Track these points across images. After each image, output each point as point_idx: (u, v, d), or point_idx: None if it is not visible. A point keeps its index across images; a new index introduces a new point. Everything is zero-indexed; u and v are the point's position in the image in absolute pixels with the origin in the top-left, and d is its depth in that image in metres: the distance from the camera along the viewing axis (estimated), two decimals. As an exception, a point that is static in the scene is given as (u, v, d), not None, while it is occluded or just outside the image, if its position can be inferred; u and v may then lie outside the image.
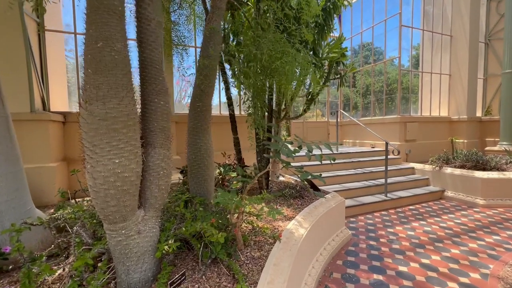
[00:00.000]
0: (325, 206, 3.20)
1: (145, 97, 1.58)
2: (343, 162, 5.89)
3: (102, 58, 1.30)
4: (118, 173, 1.34)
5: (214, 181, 2.55)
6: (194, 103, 2.35)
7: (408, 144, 6.89)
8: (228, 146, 4.31)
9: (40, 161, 3.40)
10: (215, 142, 4.61)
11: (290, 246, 2.14)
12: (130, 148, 1.39)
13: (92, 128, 1.30)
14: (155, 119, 1.57)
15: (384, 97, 7.62)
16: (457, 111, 7.60)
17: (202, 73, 2.23)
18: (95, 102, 1.29)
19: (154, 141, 1.57)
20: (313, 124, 8.81)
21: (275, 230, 2.45)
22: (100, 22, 1.31)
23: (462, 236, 3.57)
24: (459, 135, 7.46)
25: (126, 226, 1.44)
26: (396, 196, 4.95)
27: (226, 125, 4.13)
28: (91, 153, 1.32)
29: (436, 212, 4.60)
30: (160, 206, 1.62)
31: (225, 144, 4.79)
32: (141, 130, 1.60)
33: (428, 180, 5.78)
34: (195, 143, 2.40)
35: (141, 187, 1.57)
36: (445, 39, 7.70)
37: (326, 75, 3.65)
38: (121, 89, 1.36)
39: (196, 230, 1.54)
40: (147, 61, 1.56)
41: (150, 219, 1.58)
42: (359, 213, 4.54)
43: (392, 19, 7.12)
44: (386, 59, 7.61)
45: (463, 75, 7.43)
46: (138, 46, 1.57)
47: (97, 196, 1.35)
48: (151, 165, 1.56)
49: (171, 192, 2.60)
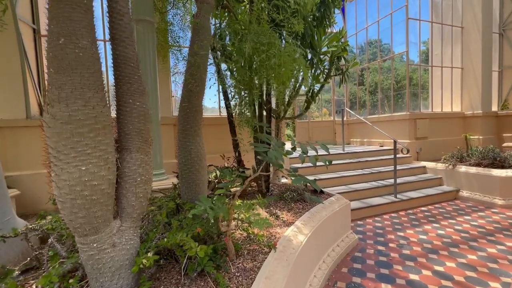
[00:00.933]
0: (329, 210, 3.01)
1: (119, 97, 1.46)
2: (350, 162, 5.66)
3: (64, 56, 1.19)
4: (85, 182, 1.22)
5: (207, 185, 2.41)
6: (182, 104, 2.23)
7: (419, 141, 6.58)
8: (229, 148, 4.19)
9: (36, 167, 3.36)
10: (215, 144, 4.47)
11: (287, 256, 1.98)
12: (100, 153, 1.27)
13: (55, 132, 1.18)
14: (130, 121, 1.45)
15: (392, 94, 7.33)
16: (471, 106, 7.22)
17: (189, 71, 2.11)
18: (57, 104, 1.18)
19: (129, 145, 1.45)
20: (318, 123, 8.59)
21: (272, 237, 2.29)
22: (62, 17, 1.20)
23: (480, 240, 3.30)
24: (473, 131, 7.08)
25: (99, 238, 1.32)
26: (406, 197, 4.69)
27: (226, 126, 4.00)
28: (55, 160, 1.20)
29: (450, 213, 4.31)
30: (139, 215, 1.50)
31: (225, 146, 4.66)
32: (117, 133, 1.48)
33: (441, 179, 5.48)
34: (185, 146, 2.27)
35: (116, 195, 1.45)
36: (455, 31, 7.35)
37: (327, 71, 3.46)
38: (88, 90, 1.24)
39: (176, 242, 1.40)
40: (120, 59, 1.44)
41: (127, 230, 1.45)
42: (367, 216, 4.31)
43: (398, 12, 6.84)
44: (392, 54, 7.32)
45: (476, 68, 7.05)
46: (111, 43, 1.46)
47: (63, 207, 1.23)
48: (127, 172, 1.44)
49: (163, 197, 2.48)
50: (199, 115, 2.30)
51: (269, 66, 1.55)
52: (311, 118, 8.61)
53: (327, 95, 9.53)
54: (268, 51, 1.53)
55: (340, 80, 3.60)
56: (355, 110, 8.79)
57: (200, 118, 2.32)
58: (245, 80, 2.02)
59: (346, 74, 3.52)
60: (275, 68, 1.54)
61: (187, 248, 1.33)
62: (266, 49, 1.54)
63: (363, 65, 8.52)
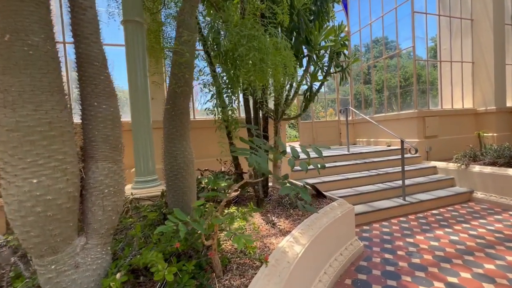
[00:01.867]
0: (330, 216, 2.80)
1: (83, 100, 1.31)
2: (355, 164, 5.41)
3: (11, 55, 1.05)
4: (37, 196, 1.08)
5: (195, 193, 2.25)
6: (166, 106, 2.09)
7: (429, 140, 6.28)
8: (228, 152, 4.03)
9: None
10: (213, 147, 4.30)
11: (280, 271, 1.79)
12: (55, 163, 1.12)
13: (0, 141, 1.05)
14: (95, 127, 1.30)
15: (399, 91, 7.03)
16: (484, 101, 6.86)
17: (172, 71, 1.96)
18: (2, 109, 1.04)
19: (95, 153, 1.30)
20: (323, 123, 8.36)
21: (266, 248, 2.10)
22: (8, 11, 1.06)
23: (498, 246, 3.03)
24: (487, 129, 6.71)
25: (58, 259, 1.17)
26: (416, 200, 4.42)
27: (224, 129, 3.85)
28: (2, 172, 1.06)
29: (464, 217, 4.03)
30: (108, 231, 1.35)
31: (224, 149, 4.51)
32: (83, 140, 1.34)
33: (453, 180, 5.17)
34: (170, 152, 2.12)
35: (82, 209, 1.30)
36: (465, 24, 7.01)
37: (327, 68, 3.27)
38: (40, 92, 1.10)
39: (145, 262, 1.24)
40: (83, 58, 1.30)
41: (94, 248, 1.30)
42: (374, 220, 4.07)
43: (403, 6, 6.57)
44: (398, 50, 7.04)
45: (489, 61, 6.70)
46: (74, 40, 1.32)
47: (14, 225, 1.09)
48: (92, 183, 1.29)
49: (149, 206, 2.33)
50: (185, 118, 2.15)
51: (249, 62, 1.39)
52: (315, 118, 8.38)
53: (333, 94, 9.29)
54: (248, 45, 1.36)
55: (341, 78, 3.40)
56: (361, 109, 8.52)
57: (187, 121, 2.17)
58: (231, 78, 1.86)
59: (346, 71, 3.32)
60: (256, 64, 1.37)
61: (154, 271, 1.17)
62: (245, 43, 1.37)
63: (368, 63, 8.25)
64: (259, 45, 1.33)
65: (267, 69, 1.38)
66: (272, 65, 1.39)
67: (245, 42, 1.36)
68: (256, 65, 1.38)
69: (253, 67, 1.40)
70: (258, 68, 1.37)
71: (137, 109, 3.07)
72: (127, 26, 3.03)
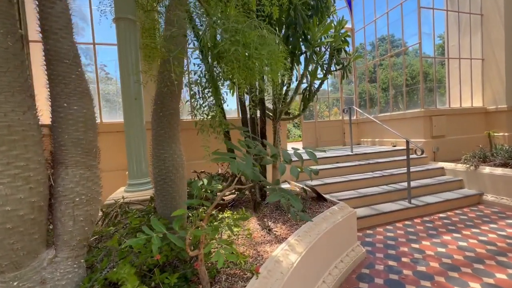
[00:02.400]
0: (330, 221, 2.67)
1: (52, 101, 1.21)
2: (359, 165, 5.24)
3: (-37, 51, 0.96)
4: (-6, 207, 0.98)
5: (186, 198, 2.14)
6: (153, 107, 1.98)
7: (436, 140, 6.06)
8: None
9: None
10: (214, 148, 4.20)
11: (272, 283, 1.67)
12: (16, 171, 1.02)
13: (-48, 147, 0.95)
14: (65, 130, 1.20)
15: (405, 90, 6.81)
16: (494, 100, 6.60)
17: (160, 69, 1.86)
18: (-47, 111, 0.94)
19: (64, 158, 1.20)
20: (326, 123, 8.18)
21: (259, 257, 1.98)
22: (-40, 3, 0.96)
23: (510, 254, 2.85)
24: (497, 128, 6.45)
25: (21, 275, 1.07)
26: (422, 203, 4.24)
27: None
28: (-45, 182, 0.96)
29: (473, 221, 3.84)
30: (80, 242, 1.24)
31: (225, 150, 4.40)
32: (52, 144, 1.23)
33: (461, 182, 4.96)
34: (158, 155, 2.02)
35: (51, 219, 1.20)
36: (474, 19, 6.75)
37: (327, 66, 3.12)
38: (-3, 92, 1.00)
39: (118, 278, 1.13)
40: (51, 54, 1.20)
41: (64, 261, 1.20)
42: (377, 224, 3.90)
43: (409, 2, 6.35)
44: (403, 47, 6.82)
45: (499, 58, 6.43)
46: (41, 36, 1.21)
47: (-31, 239, 0.99)
48: (62, 191, 1.19)
49: (137, 211, 2.23)
50: (174, 119, 2.04)
51: (233, 58, 1.27)
52: (318, 118, 8.20)
53: (338, 93, 9.09)
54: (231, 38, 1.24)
55: (341, 75, 3.25)
56: (366, 108, 8.31)
57: (176, 122, 2.06)
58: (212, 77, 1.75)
59: (347, 68, 3.16)
60: (240, 60, 1.25)
61: (124, 291, 1.06)
62: (228, 37, 1.25)
63: (374, 61, 8.04)
64: (244, 40, 1.21)
65: (253, 66, 1.25)
66: (256, 60, 1.27)
67: (228, 36, 1.24)
68: (240, 61, 1.26)
69: (237, 64, 1.28)
70: (242, 64, 1.25)
71: (130, 108, 2.98)
72: (119, 24, 2.94)
